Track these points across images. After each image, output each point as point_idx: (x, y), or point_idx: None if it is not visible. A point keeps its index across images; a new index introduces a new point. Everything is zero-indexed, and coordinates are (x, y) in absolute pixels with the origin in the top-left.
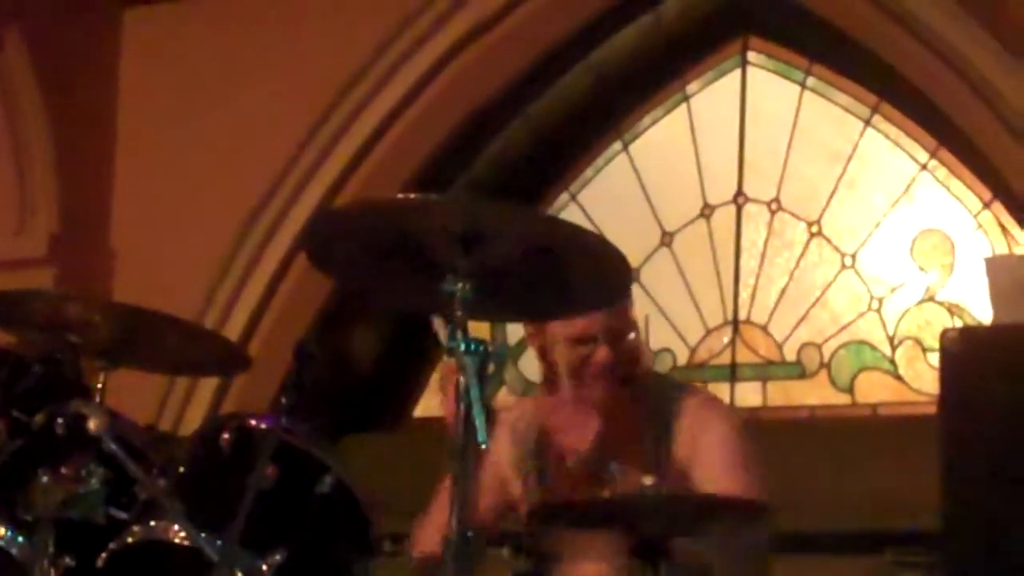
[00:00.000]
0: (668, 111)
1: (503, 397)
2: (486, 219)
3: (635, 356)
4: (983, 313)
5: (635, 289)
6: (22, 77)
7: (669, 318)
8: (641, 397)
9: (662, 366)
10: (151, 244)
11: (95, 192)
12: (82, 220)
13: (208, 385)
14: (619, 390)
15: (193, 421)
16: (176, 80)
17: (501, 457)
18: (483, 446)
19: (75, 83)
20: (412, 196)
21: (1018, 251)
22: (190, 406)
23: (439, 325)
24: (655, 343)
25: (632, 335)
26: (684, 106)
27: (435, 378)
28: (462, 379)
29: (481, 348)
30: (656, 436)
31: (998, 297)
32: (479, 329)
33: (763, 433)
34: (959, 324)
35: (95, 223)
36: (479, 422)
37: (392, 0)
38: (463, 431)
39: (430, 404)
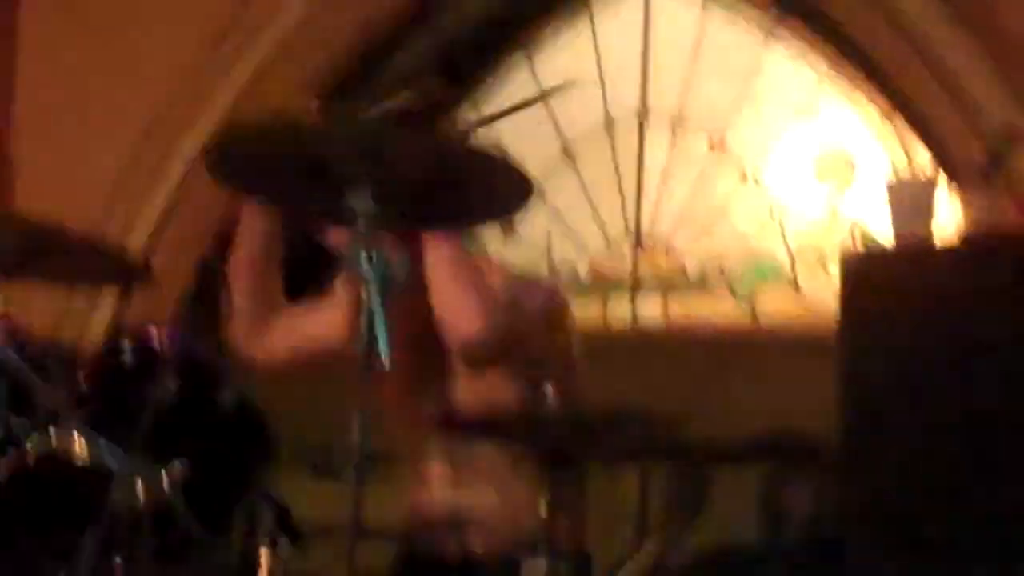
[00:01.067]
0: (571, 23)
1: None
2: (387, 138)
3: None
4: (882, 227)
5: (539, 205)
6: None
7: (571, 232)
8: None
9: (564, 280)
10: (51, 154)
11: None
12: None
13: (109, 297)
14: None
15: (95, 334)
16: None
17: None
18: (385, 361)
19: None
20: (313, 121)
21: (917, 167)
22: (91, 319)
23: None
24: (557, 256)
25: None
26: (587, 18)
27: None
28: (363, 295)
29: (383, 262)
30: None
31: (898, 219)
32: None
33: (664, 347)
34: (859, 239)
35: None
36: (382, 337)
37: None
38: (365, 348)
39: None
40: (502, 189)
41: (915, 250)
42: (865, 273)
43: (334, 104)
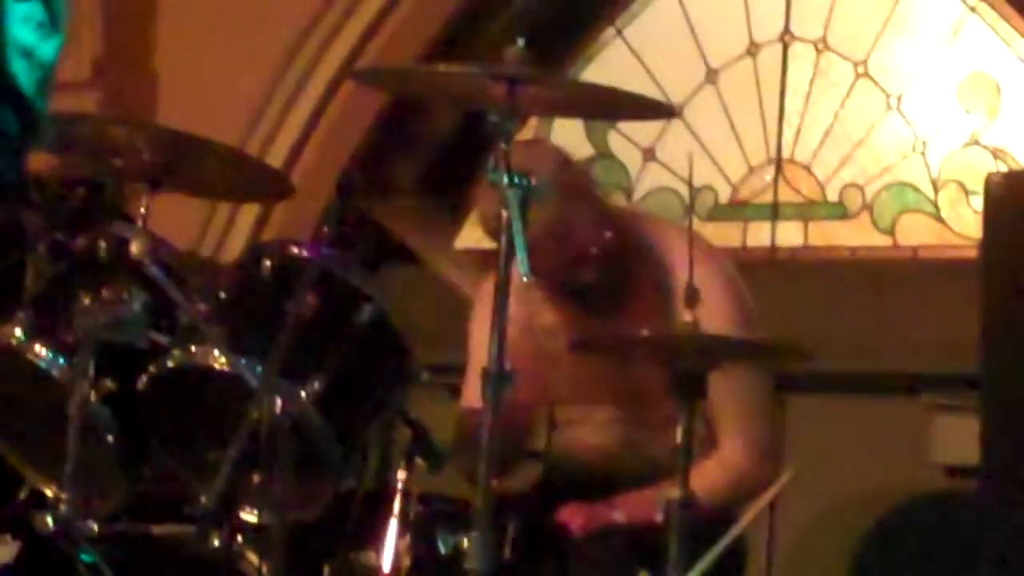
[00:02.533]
0: None
1: None
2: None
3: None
4: None
5: (679, 125)
6: None
7: (712, 156)
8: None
9: (704, 205)
10: (195, 69)
11: (138, 16)
12: (126, 44)
13: (250, 212)
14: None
15: (234, 248)
16: None
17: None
18: (526, 279)
19: None
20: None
21: None
22: (231, 233)
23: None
24: (698, 181)
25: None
26: None
27: (475, 212)
28: (504, 213)
29: (524, 181)
30: (657, 289)
31: None
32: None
33: (804, 272)
34: (1003, 169)
35: (139, 47)
36: (522, 255)
37: None
38: (505, 264)
39: (471, 236)
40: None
41: None
42: (1010, 199)
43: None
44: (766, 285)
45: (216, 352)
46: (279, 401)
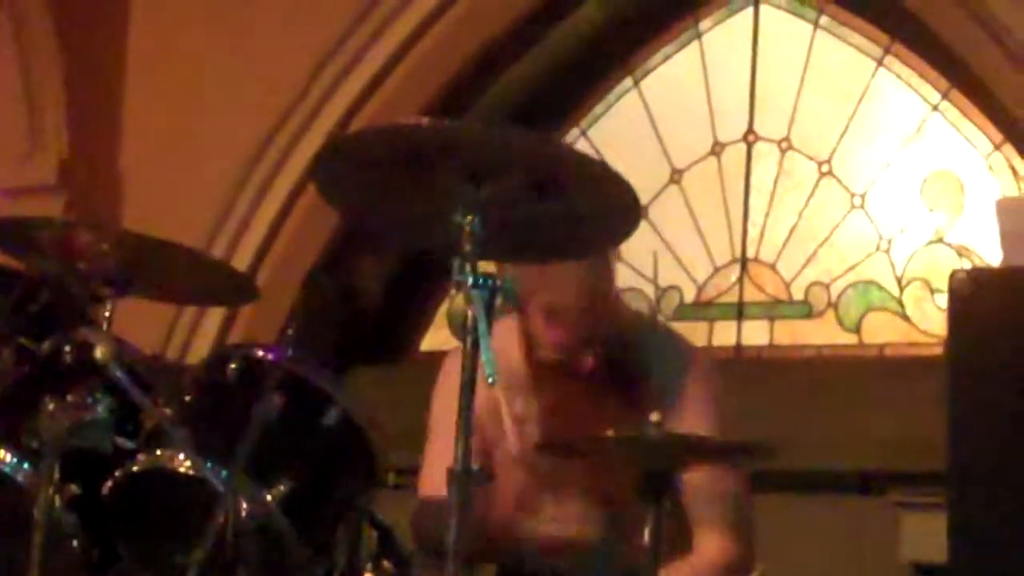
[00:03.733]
0: (680, 48)
1: None
2: (495, 146)
3: (609, 319)
4: (992, 256)
5: (644, 226)
6: (32, 2)
7: (677, 256)
8: (617, 349)
9: (670, 304)
10: (161, 171)
11: (105, 118)
12: (92, 147)
13: (215, 315)
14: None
15: (200, 351)
16: (188, 6)
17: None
18: (491, 382)
19: (85, 6)
20: (420, 120)
21: None
22: (197, 336)
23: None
24: (663, 280)
25: (609, 296)
26: (696, 43)
27: (442, 311)
28: (470, 314)
29: (489, 282)
30: (633, 385)
31: (1008, 239)
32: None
33: (770, 372)
34: (968, 266)
35: (105, 150)
36: (487, 357)
37: None
38: (470, 366)
39: (437, 337)
40: (610, 208)
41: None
42: (974, 297)
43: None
44: (732, 384)
45: (181, 456)
46: (245, 504)
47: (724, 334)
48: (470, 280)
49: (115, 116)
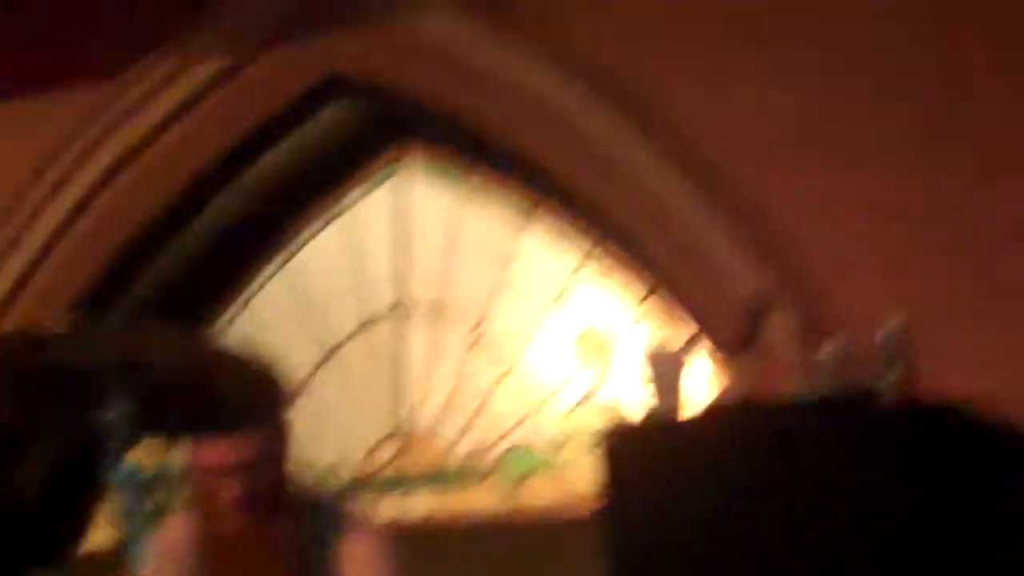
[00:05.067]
0: (325, 226)
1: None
2: (140, 346)
3: (279, 483)
4: (646, 406)
5: (304, 404)
6: None
7: (336, 432)
8: (286, 521)
9: (329, 481)
10: None
11: None
12: None
13: None
14: (258, 522)
15: None
16: None
17: None
18: (143, 573)
19: None
20: (60, 326)
21: (675, 340)
22: None
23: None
24: (321, 458)
25: (277, 460)
26: (339, 220)
27: (104, 511)
28: (119, 506)
29: (138, 473)
30: (305, 558)
31: (659, 390)
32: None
33: (432, 542)
34: (618, 417)
35: None
36: (136, 548)
37: (41, 130)
38: (123, 560)
39: (100, 537)
40: (252, 393)
41: (671, 423)
42: (623, 450)
43: (86, 316)
44: (399, 554)
45: None
46: None
47: (387, 506)
48: (117, 473)
49: None
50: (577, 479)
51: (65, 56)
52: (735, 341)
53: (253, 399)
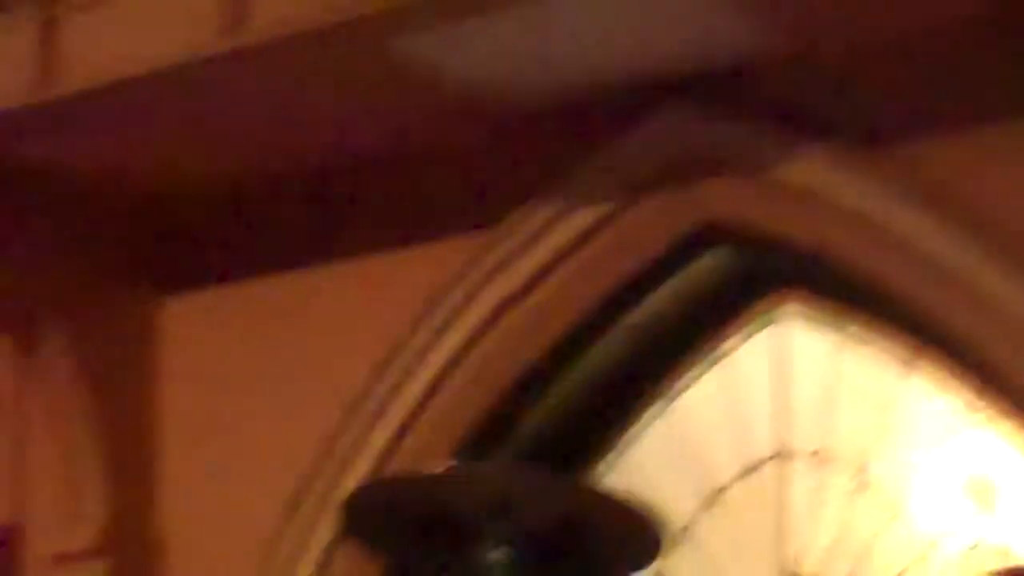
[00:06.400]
0: (707, 368)
1: None
2: (517, 487)
3: None
4: None
5: (687, 549)
6: (65, 373)
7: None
8: None
9: None
10: (200, 532)
11: (142, 484)
12: (130, 512)
13: None
14: None
15: None
16: (215, 366)
17: None
18: None
19: (117, 375)
20: (440, 469)
21: None
22: None
23: None
24: None
25: None
26: (722, 363)
27: None
28: None
29: None
30: None
31: None
32: None
33: None
34: (1007, 564)
35: (143, 514)
36: None
37: (423, 276)
38: None
39: None
40: (633, 540)
41: None
42: None
43: (466, 461)
44: None
45: None
46: None
47: None
48: None
49: (152, 480)
50: None
51: (445, 202)
52: None
53: (631, 545)
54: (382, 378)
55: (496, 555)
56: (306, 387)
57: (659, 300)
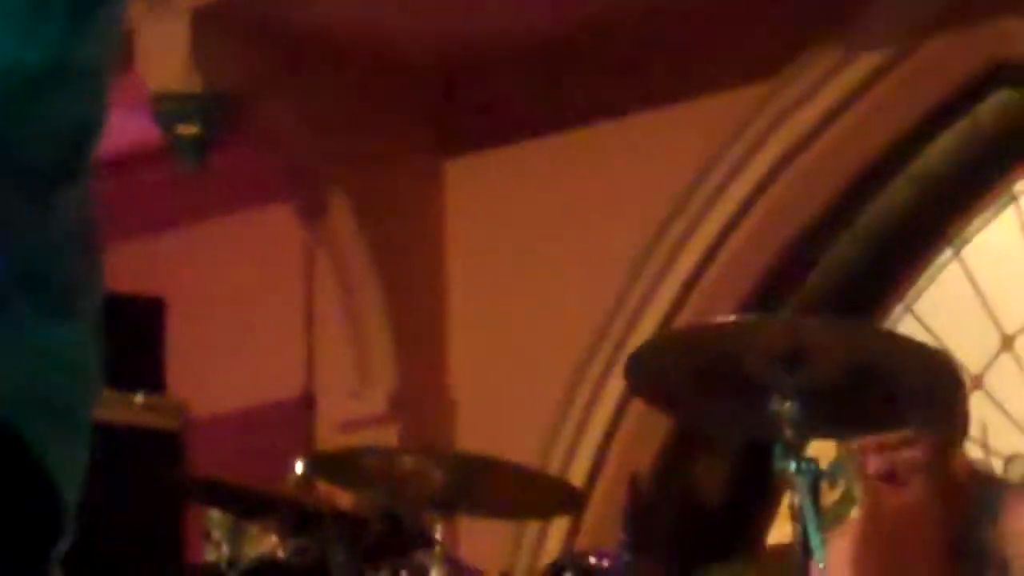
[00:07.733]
0: (997, 213)
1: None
2: (807, 337)
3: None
4: None
5: (979, 396)
6: (351, 239)
7: (1017, 424)
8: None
9: (1015, 473)
10: (488, 392)
11: (429, 347)
12: (419, 375)
13: (560, 526)
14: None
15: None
16: (499, 227)
17: None
18: (821, 566)
19: (402, 240)
20: (728, 320)
21: None
22: (543, 549)
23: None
24: (1005, 450)
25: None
26: (1013, 206)
27: (785, 504)
28: (795, 500)
29: (813, 467)
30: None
31: None
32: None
33: None
34: None
35: (432, 377)
36: (815, 542)
37: (704, 129)
38: (801, 552)
39: (783, 531)
40: (931, 383)
41: None
42: None
43: (754, 312)
44: None
45: None
46: None
47: None
48: (792, 466)
49: (439, 343)
50: None
51: (723, 55)
52: None
53: (931, 393)
54: (666, 234)
55: (787, 406)
56: (590, 246)
57: (942, 146)
